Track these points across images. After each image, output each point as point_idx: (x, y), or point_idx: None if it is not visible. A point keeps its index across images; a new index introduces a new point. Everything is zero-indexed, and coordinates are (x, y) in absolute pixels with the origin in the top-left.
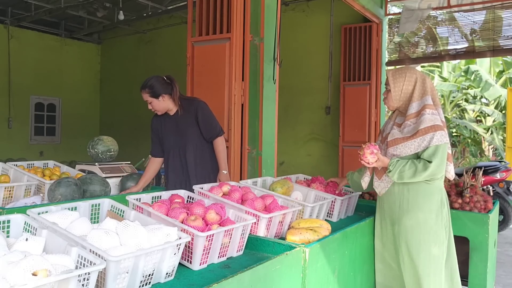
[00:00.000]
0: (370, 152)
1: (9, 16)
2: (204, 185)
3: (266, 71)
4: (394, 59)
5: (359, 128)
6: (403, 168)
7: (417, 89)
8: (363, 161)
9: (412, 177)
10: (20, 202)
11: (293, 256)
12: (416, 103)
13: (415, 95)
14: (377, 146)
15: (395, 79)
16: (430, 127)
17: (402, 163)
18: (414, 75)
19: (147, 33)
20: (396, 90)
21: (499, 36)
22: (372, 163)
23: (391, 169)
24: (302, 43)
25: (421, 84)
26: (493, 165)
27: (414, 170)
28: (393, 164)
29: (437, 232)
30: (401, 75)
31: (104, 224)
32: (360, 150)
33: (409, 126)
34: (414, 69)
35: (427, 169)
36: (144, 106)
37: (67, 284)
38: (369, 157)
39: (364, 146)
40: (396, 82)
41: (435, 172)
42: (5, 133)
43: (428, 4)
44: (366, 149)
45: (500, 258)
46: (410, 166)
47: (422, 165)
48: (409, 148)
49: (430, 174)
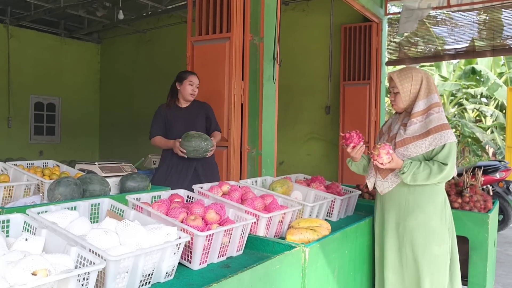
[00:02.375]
0: (386, 152)
1: (8, 16)
2: (204, 185)
3: (266, 71)
4: (394, 59)
5: (359, 128)
6: (417, 170)
7: (423, 88)
8: (376, 161)
9: (426, 179)
10: (19, 201)
11: (292, 256)
12: (422, 101)
13: (421, 94)
14: (391, 147)
15: (401, 80)
16: (441, 125)
17: (416, 165)
18: (419, 74)
19: (147, 33)
20: (405, 92)
21: (499, 35)
22: (386, 163)
23: (405, 171)
24: (302, 43)
25: (426, 83)
26: (493, 164)
27: (428, 172)
28: (407, 166)
29: (441, 233)
30: (407, 76)
31: (104, 224)
32: (374, 150)
33: (415, 124)
34: (417, 69)
35: (442, 171)
36: (144, 106)
37: (66, 283)
38: (385, 157)
39: (379, 146)
40: (404, 84)
41: (449, 174)
42: (4, 133)
43: (428, 4)
44: (382, 149)
45: (500, 258)
46: (424, 168)
47: (437, 167)
48: (420, 148)
49: (444, 176)
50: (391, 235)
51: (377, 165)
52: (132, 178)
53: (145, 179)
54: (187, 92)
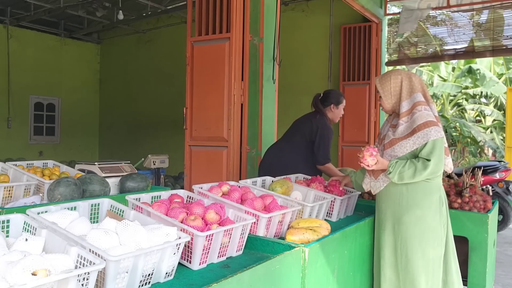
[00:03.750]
0: (369, 155)
1: (8, 16)
2: (204, 185)
3: (266, 71)
4: (394, 59)
5: (358, 128)
6: (403, 169)
7: (404, 88)
8: (362, 163)
9: (412, 177)
10: (19, 201)
11: (292, 256)
12: (406, 102)
13: (404, 94)
14: (376, 149)
15: (382, 84)
16: (424, 123)
17: (401, 163)
18: (399, 75)
19: (147, 33)
20: (386, 94)
21: (498, 36)
22: (371, 165)
23: (391, 170)
24: (302, 43)
25: (407, 83)
26: (492, 165)
27: (413, 170)
28: (392, 165)
29: (436, 230)
30: (387, 78)
31: (104, 224)
32: (359, 153)
33: (401, 125)
34: (398, 70)
35: (427, 167)
36: (144, 106)
37: (66, 283)
38: (369, 159)
39: (363, 149)
40: (384, 86)
41: (435, 170)
42: (4, 133)
43: (428, 4)
44: (366, 151)
45: (500, 258)
46: (409, 166)
47: (421, 163)
48: (405, 147)
49: (430, 172)
50: (388, 233)
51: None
52: (132, 178)
53: (145, 179)
54: (338, 116)
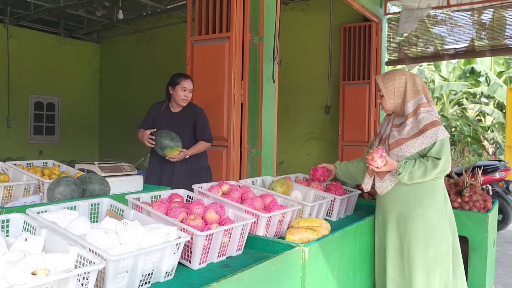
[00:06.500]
0: (379, 156)
1: (8, 15)
2: (204, 185)
3: (266, 71)
4: (394, 59)
5: (358, 128)
6: (413, 169)
7: (409, 89)
8: (371, 165)
9: (422, 176)
10: (19, 201)
11: (292, 256)
12: (411, 103)
13: (408, 95)
14: (384, 150)
15: (385, 83)
16: (431, 123)
17: (411, 163)
18: (403, 76)
19: (147, 33)
20: (389, 94)
21: (499, 35)
22: (381, 167)
23: (400, 171)
24: (302, 43)
25: (412, 84)
26: (492, 164)
27: (424, 169)
28: (402, 166)
29: (443, 228)
30: (390, 78)
31: (104, 224)
32: (368, 155)
33: (407, 126)
34: (402, 70)
35: (437, 166)
36: (143, 105)
37: (66, 283)
38: (378, 161)
39: (372, 151)
40: (388, 86)
41: (444, 168)
42: (4, 133)
43: (428, 4)
44: (375, 153)
45: (500, 257)
46: (419, 165)
47: (431, 162)
48: (412, 147)
49: (440, 171)
50: (393, 233)
51: (373, 169)
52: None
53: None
54: (179, 98)
